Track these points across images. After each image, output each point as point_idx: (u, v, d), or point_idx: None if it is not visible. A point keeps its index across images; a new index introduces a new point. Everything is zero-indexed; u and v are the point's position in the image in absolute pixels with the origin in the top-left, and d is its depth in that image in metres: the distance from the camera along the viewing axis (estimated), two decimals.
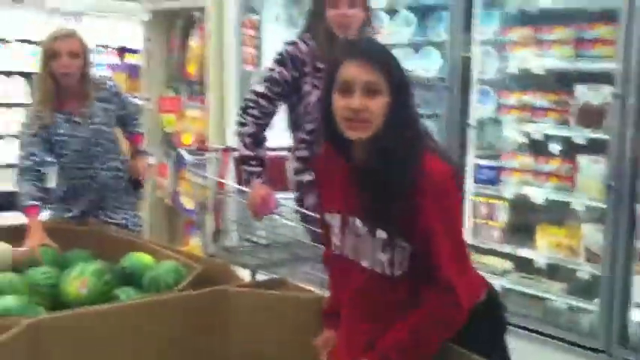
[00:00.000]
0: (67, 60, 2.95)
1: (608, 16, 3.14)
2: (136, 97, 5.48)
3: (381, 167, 1.67)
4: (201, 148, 3.78)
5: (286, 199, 2.77)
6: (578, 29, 3.33)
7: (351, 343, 1.81)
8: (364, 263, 1.75)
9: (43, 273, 2.28)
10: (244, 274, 2.62)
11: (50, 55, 2.96)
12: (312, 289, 2.28)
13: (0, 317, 1.89)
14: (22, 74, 7.29)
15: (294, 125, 2.77)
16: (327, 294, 2.05)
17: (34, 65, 6.93)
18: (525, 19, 3.58)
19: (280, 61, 2.68)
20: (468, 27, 3.61)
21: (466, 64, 3.61)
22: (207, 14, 4.82)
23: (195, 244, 4.29)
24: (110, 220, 3.11)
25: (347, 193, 1.76)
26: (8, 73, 7.27)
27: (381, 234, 1.69)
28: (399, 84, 1.68)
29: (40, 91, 3.05)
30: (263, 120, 2.65)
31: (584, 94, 3.25)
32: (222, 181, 2.99)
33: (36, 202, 2.85)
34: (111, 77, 4.73)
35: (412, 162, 1.66)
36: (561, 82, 3.47)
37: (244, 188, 2.64)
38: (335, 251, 1.84)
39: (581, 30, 3.31)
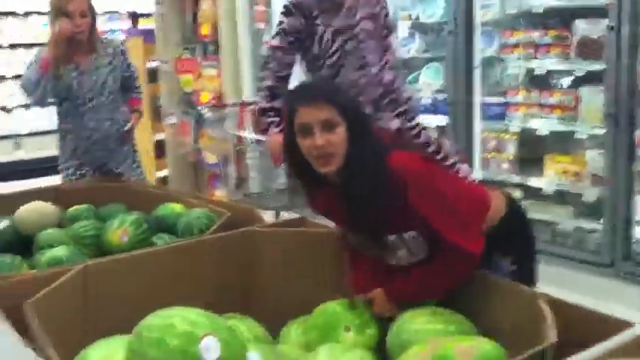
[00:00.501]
0: (79, 19, 3.22)
1: None
2: (154, 60, 5.68)
3: (357, 189, 1.79)
4: (218, 104, 3.96)
5: None
6: None
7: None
8: (391, 261, 1.91)
9: (84, 226, 2.49)
10: (269, 216, 2.82)
11: (61, 14, 3.20)
12: (328, 224, 2.47)
13: (53, 265, 2.12)
14: (40, 45, 7.45)
15: (312, 67, 2.92)
16: None
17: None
18: None
19: (287, 12, 2.83)
20: None
21: (469, 7, 3.72)
22: None
23: (219, 196, 4.51)
24: (117, 171, 3.38)
25: (343, 216, 1.90)
26: (29, 46, 7.43)
27: (390, 237, 1.85)
28: (350, 112, 1.81)
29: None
30: (280, 72, 2.80)
31: (583, 28, 3.37)
32: (241, 133, 3.18)
33: None
34: (123, 40, 4.94)
35: (382, 172, 1.78)
36: (561, 18, 3.58)
37: (262, 138, 2.82)
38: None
39: None
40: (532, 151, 3.71)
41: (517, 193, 3.66)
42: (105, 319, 1.84)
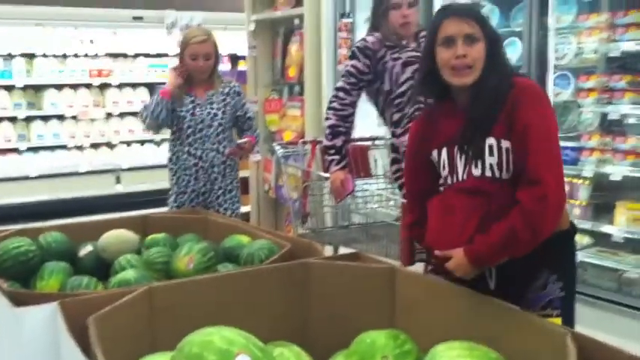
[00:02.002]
0: (203, 62, 3.57)
1: None
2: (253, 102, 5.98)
3: (485, 97, 1.98)
4: (291, 142, 4.15)
5: (368, 183, 3.08)
6: None
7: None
8: (476, 172, 2.02)
9: (157, 252, 2.69)
10: (328, 251, 2.93)
11: (187, 54, 3.50)
12: (383, 259, 2.56)
13: (122, 286, 2.31)
14: (145, 85, 7.96)
15: (385, 104, 3.11)
16: (397, 265, 2.33)
17: (157, 76, 7.66)
18: (600, 4, 3.68)
19: (352, 55, 3.13)
20: (544, 15, 3.76)
21: (543, 50, 3.75)
22: (306, 21, 5.21)
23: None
24: (216, 206, 3.60)
25: (451, 126, 2.07)
26: (133, 85, 7.94)
27: (490, 140, 1.99)
28: (491, 31, 2.03)
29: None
30: (342, 111, 3.03)
31: None
32: (308, 169, 3.34)
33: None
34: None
35: (507, 83, 1.98)
36: (637, 63, 3.54)
37: (327, 175, 2.98)
38: (446, 183, 2.13)
39: None
40: (604, 197, 3.66)
41: (586, 239, 3.61)
42: (164, 338, 1.95)
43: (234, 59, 10.16)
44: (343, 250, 2.91)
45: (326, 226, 3.22)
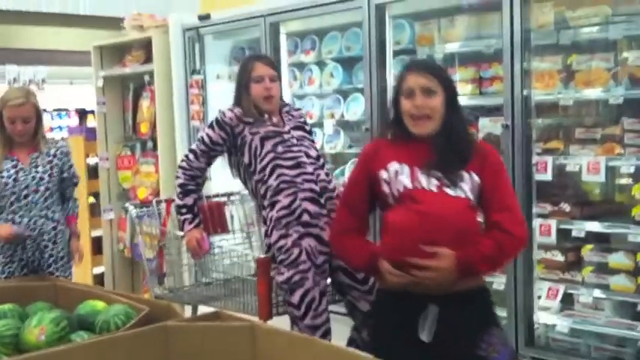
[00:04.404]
0: (21, 125, 3.41)
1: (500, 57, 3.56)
2: (95, 156, 5.85)
3: (452, 148, 2.25)
4: (144, 201, 4.14)
5: (225, 239, 3.14)
6: (478, 69, 3.76)
7: None
8: (450, 192, 2.21)
9: (4, 325, 2.56)
10: (188, 311, 2.93)
11: (5, 117, 3.38)
12: (244, 317, 2.61)
13: None
14: None
15: (246, 174, 3.15)
16: (257, 321, 2.38)
17: None
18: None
19: (210, 124, 3.18)
20: (384, 72, 4.03)
21: (383, 106, 4.00)
22: (156, 77, 5.20)
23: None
24: (47, 275, 3.46)
25: (416, 156, 2.26)
26: None
27: (462, 171, 2.25)
28: (448, 86, 2.29)
29: None
30: (191, 171, 3.09)
31: (486, 126, 3.66)
32: (163, 229, 3.35)
33: None
34: (65, 138, 5.13)
35: (470, 138, 2.36)
36: (469, 115, 3.87)
37: (182, 234, 3.01)
38: (408, 189, 2.25)
39: (479, 70, 3.74)
40: None
41: None
42: None
43: (83, 114, 9.89)
44: (203, 309, 2.92)
45: (184, 284, 3.22)
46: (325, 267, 3.05)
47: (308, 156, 3.11)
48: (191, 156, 3.13)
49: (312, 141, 3.26)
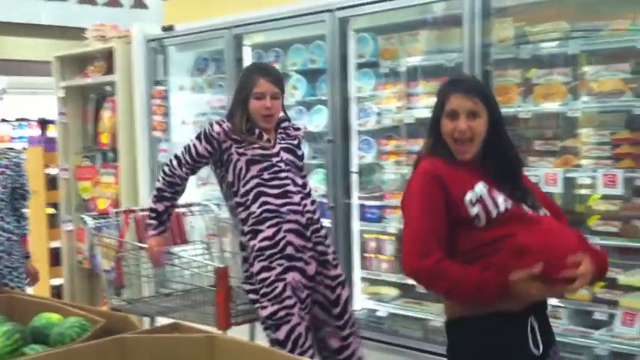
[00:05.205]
0: None
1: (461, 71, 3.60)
2: (55, 166, 5.75)
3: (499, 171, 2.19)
4: (103, 212, 4.08)
5: (185, 250, 3.10)
6: (438, 83, 3.79)
7: None
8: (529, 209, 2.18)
9: None
10: (146, 323, 2.89)
11: None
12: (203, 328, 2.57)
13: None
14: None
15: (228, 192, 3.04)
16: (215, 331, 2.35)
17: None
18: (396, 76, 4.03)
19: (197, 135, 3.04)
20: (346, 85, 4.05)
21: (345, 117, 4.02)
22: (118, 88, 5.15)
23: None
24: (2, 286, 3.38)
25: (473, 175, 2.17)
26: None
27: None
28: (493, 106, 2.20)
29: None
30: (171, 178, 3.00)
31: None
32: (121, 240, 3.30)
33: None
34: (20, 149, 5.05)
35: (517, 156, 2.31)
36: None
37: (144, 245, 2.95)
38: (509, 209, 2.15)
39: (439, 83, 3.78)
40: None
41: (395, 292, 3.87)
42: None
43: (44, 124, 9.75)
44: (162, 321, 2.88)
45: (143, 296, 3.17)
46: (308, 301, 2.98)
47: (295, 184, 2.98)
48: (175, 162, 3.02)
49: (301, 168, 3.12)
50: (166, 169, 3.03)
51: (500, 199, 2.14)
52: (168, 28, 5.07)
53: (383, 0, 3.77)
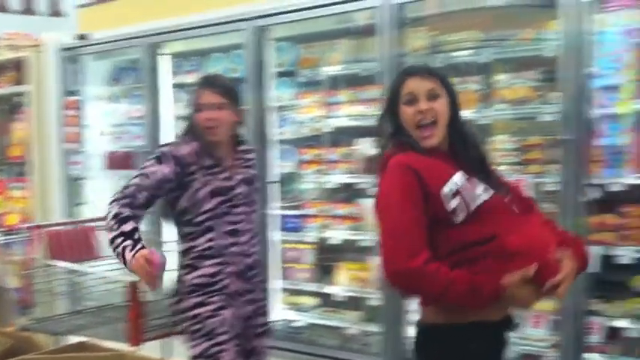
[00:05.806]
0: None
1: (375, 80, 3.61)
2: None
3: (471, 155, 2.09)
4: (12, 227, 3.91)
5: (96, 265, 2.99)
6: (356, 91, 3.82)
7: None
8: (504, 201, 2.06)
9: None
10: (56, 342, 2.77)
11: None
12: (114, 346, 2.49)
13: None
14: None
15: (179, 218, 2.78)
16: (126, 348, 2.27)
17: None
18: (316, 84, 4.02)
19: (158, 158, 2.70)
20: (265, 94, 4.01)
21: (263, 125, 3.99)
22: (31, 99, 4.97)
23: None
24: None
25: (449, 164, 2.04)
26: None
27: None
28: (450, 86, 2.10)
29: None
30: (126, 200, 2.63)
31: (365, 147, 3.72)
32: (29, 257, 3.16)
33: None
34: None
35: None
36: (348, 137, 3.92)
37: (52, 263, 2.81)
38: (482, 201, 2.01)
39: (357, 92, 3.81)
40: (327, 260, 3.95)
41: (314, 301, 3.86)
42: None
43: None
44: (72, 339, 2.76)
45: (54, 314, 3.02)
46: (249, 332, 2.80)
47: (248, 221, 2.78)
48: (129, 190, 2.64)
49: (254, 201, 2.88)
50: (119, 195, 2.65)
51: (480, 189, 2.02)
52: (81, 37, 4.93)
53: (300, 9, 3.77)
